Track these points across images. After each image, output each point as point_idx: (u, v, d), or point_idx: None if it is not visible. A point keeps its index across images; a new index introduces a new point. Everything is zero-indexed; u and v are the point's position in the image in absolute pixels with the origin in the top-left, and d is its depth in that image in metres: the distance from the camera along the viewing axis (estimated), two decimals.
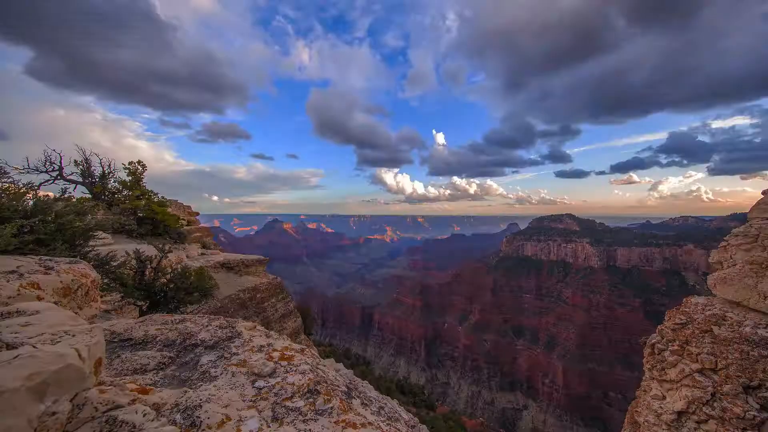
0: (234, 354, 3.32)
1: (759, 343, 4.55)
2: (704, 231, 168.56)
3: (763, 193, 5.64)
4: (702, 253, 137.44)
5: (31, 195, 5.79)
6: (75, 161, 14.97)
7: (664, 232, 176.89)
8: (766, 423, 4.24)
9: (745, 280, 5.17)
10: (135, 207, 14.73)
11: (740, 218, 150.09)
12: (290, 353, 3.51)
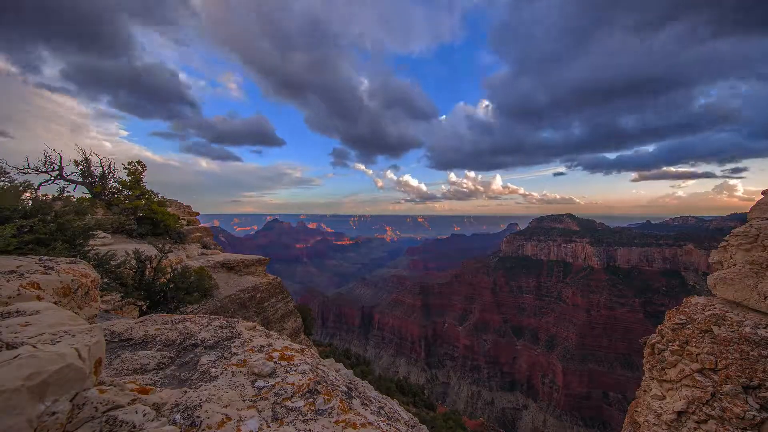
0: (234, 354, 3.32)
1: (759, 343, 4.55)
2: (704, 231, 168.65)
3: (763, 193, 5.65)
4: (702, 253, 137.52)
5: (30, 195, 5.79)
6: (75, 161, 14.98)
7: (664, 232, 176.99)
8: (766, 423, 4.24)
9: (745, 280, 5.17)
10: (135, 207, 14.74)
11: (740, 218, 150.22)
12: (290, 353, 3.51)
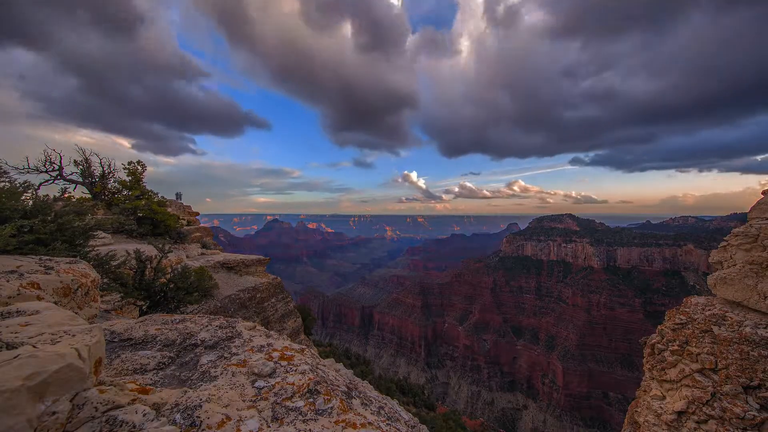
0: (234, 354, 3.33)
1: (759, 343, 4.55)
2: (704, 231, 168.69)
3: (763, 193, 5.65)
4: (702, 253, 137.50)
5: (30, 195, 5.79)
6: (75, 161, 14.99)
7: (663, 232, 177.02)
8: (766, 423, 4.24)
9: (745, 280, 5.17)
10: (135, 207, 14.74)
11: (740, 218, 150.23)
12: (290, 353, 3.52)
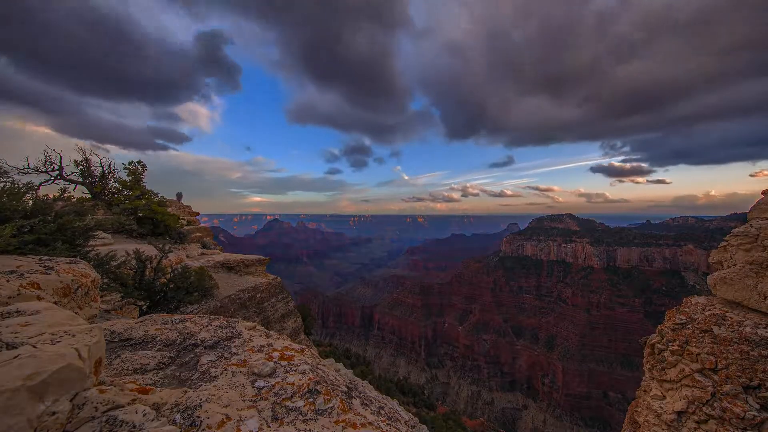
0: (234, 354, 3.33)
1: (759, 343, 4.55)
2: (704, 231, 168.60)
3: (763, 192, 5.65)
4: (702, 253, 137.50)
5: (30, 195, 5.79)
6: (75, 161, 14.99)
7: (663, 232, 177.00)
8: (766, 423, 4.24)
9: (745, 280, 5.17)
10: (135, 207, 14.74)
11: (740, 218, 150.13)
12: (290, 353, 3.52)
